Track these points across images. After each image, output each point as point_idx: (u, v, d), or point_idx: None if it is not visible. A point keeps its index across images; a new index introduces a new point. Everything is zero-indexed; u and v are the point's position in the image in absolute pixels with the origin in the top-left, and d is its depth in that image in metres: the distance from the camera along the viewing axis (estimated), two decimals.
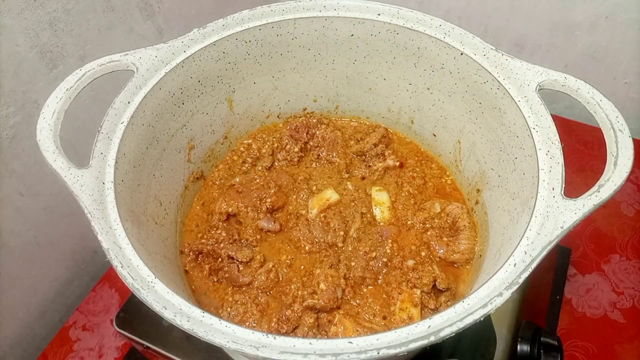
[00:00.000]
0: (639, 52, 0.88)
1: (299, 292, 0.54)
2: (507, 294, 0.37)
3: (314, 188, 0.65)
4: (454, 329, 0.35)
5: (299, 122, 0.69)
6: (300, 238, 0.60)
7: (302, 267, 0.58)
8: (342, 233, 0.60)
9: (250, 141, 0.69)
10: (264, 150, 0.68)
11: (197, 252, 0.58)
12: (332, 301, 0.54)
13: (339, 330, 0.52)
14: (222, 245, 0.58)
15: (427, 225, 0.60)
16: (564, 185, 0.43)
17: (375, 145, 0.67)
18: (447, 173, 0.67)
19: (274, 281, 0.56)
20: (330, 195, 0.63)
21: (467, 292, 0.56)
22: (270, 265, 0.57)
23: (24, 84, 0.66)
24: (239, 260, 0.57)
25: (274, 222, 0.61)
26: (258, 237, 0.60)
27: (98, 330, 0.81)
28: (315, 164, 0.68)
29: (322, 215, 0.61)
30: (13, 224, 0.72)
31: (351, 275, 0.57)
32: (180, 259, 0.59)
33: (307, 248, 0.59)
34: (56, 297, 0.86)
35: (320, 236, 0.59)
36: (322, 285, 0.54)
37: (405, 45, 0.60)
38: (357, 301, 0.55)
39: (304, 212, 0.62)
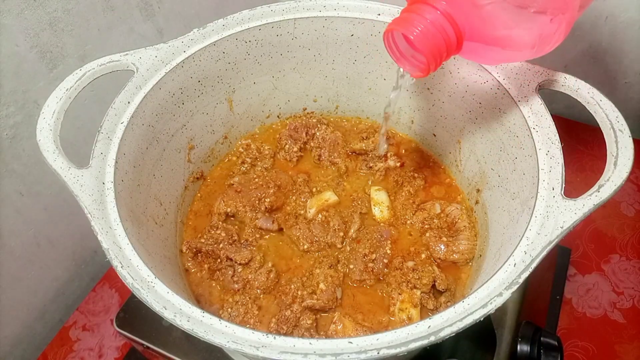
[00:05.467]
0: (639, 52, 0.88)
1: (299, 292, 0.54)
2: (507, 294, 0.37)
3: (314, 189, 0.65)
4: (454, 329, 0.35)
5: (298, 122, 0.69)
6: (300, 236, 0.60)
7: (302, 266, 0.58)
8: (341, 234, 0.60)
9: (249, 141, 0.69)
10: (265, 152, 0.68)
11: (195, 250, 0.58)
12: (332, 302, 0.54)
13: (339, 328, 0.52)
14: (221, 245, 0.58)
15: (427, 226, 0.60)
16: (564, 185, 0.43)
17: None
18: (447, 173, 0.67)
19: (273, 281, 0.56)
20: (330, 196, 0.63)
21: (466, 293, 0.56)
22: (270, 265, 0.57)
23: (24, 84, 0.66)
24: (238, 262, 0.57)
25: (273, 222, 0.61)
26: (257, 236, 0.60)
27: (98, 330, 0.81)
28: (316, 165, 0.68)
29: (321, 214, 0.61)
30: (13, 224, 0.72)
31: (350, 278, 0.57)
32: (180, 258, 0.59)
33: (305, 247, 0.59)
34: (56, 297, 0.86)
35: (319, 235, 0.59)
36: (321, 286, 0.54)
37: None
38: (357, 301, 0.55)
39: (302, 212, 0.62)
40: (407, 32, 0.39)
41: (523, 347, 0.55)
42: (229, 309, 0.54)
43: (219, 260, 0.58)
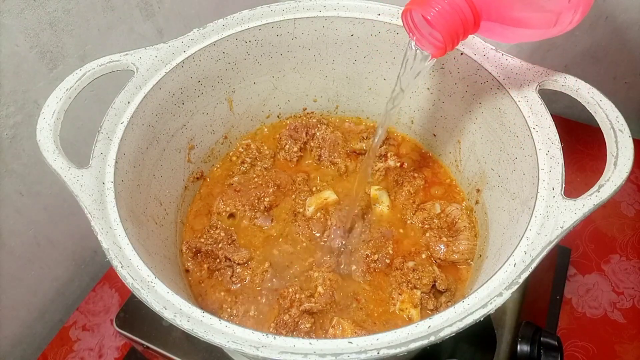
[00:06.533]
0: (639, 53, 0.88)
1: (297, 296, 0.54)
2: (507, 294, 0.37)
3: (314, 189, 0.65)
4: (454, 329, 0.35)
5: (297, 122, 0.69)
6: (300, 233, 0.60)
7: (300, 267, 0.58)
8: (340, 233, 0.60)
9: (249, 141, 0.69)
10: (265, 152, 0.68)
11: (195, 250, 0.58)
12: (330, 305, 0.54)
13: (337, 332, 0.52)
14: (220, 245, 0.58)
15: (427, 226, 0.60)
16: (564, 185, 0.43)
17: (380, 145, 0.67)
18: (447, 173, 0.67)
19: (271, 281, 0.56)
20: (329, 195, 0.63)
21: (466, 293, 0.56)
22: (267, 266, 0.57)
23: (24, 84, 0.66)
24: (236, 262, 0.57)
25: (272, 221, 0.61)
26: (256, 235, 0.60)
27: (98, 330, 0.81)
28: (316, 165, 0.68)
29: (320, 213, 0.61)
30: (13, 224, 0.72)
31: (351, 278, 0.57)
32: (180, 258, 0.59)
33: (304, 245, 0.59)
34: (56, 297, 0.86)
35: (319, 234, 0.59)
36: (319, 289, 0.54)
37: (405, 46, 0.59)
38: (357, 303, 0.55)
39: (301, 210, 0.62)
40: (424, 12, 0.40)
41: (523, 347, 0.55)
42: (229, 309, 0.55)
43: (218, 260, 0.58)
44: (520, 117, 0.49)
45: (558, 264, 0.78)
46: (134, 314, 0.63)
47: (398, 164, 0.67)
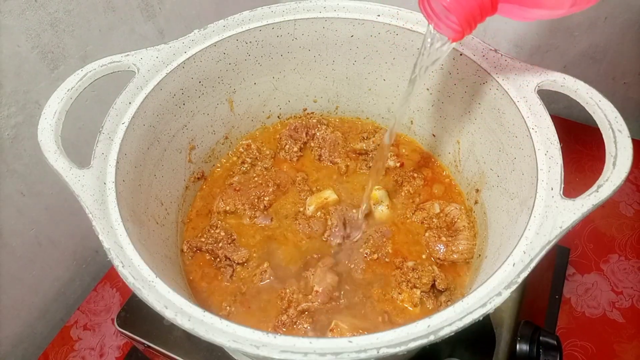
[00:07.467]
0: (638, 53, 0.88)
1: (294, 296, 0.54)
2: (506, 294, 0.37)
3: (314, 188, 0.65)
4: (453, 328, 0.36)
5: (298, 122, 0.69)
6: (300, 232, 0.60)
7: (299, 266, 0.58)
8: (340, 232, 0.60)
9: (249, 141, 0.69)
10: (265, 152, 0.69)
11: (195, 250, 0.59)
12: (328, 304, 0.54)
13: (336, 335, 0.52)
14: (220, 245, 0.58)
15: (426, 225, 0.61)
16: (562, 185, 0.43)
17: (379, 145, 0.68)
18: (447, 173, 0.67)
19: (270, 281, 0.57)
20: (329, 194, 0.63)
21: (466, 292, 0.56)
22: (266, 265, 0.57)
23: (26, 85, 0.66)
24: (236, 261, 0.57)
25: (271, 220, 0.61)
26: (256, 234, 0.61)
27: (99, 329, 0.81)
28: (316, 165, 0.69)
29: (320, 212, 0.62)
30: (14, 224, 0.72)
31: (350, 278, 0.57)
32: (181, 258, 0.59)
33: (304, 243, 0.59)
34: (57, 297, 0.86)
35: (319, 233, 0.60)
36: (318, 288, 0.55)
37: (404, 46, 0.60)
38: (356, 302, 0.56)
39: (302, 209, 0.63)
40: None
41: (522, 347, 0.56)
42: (228, 308, 0.55)
43: (218, 259, 0.58)
44: (519, 117, 0.49)
45: (557, 263, 0.79)
46: (135, 314, 0.64)
47: (398, 164, 0.67)
